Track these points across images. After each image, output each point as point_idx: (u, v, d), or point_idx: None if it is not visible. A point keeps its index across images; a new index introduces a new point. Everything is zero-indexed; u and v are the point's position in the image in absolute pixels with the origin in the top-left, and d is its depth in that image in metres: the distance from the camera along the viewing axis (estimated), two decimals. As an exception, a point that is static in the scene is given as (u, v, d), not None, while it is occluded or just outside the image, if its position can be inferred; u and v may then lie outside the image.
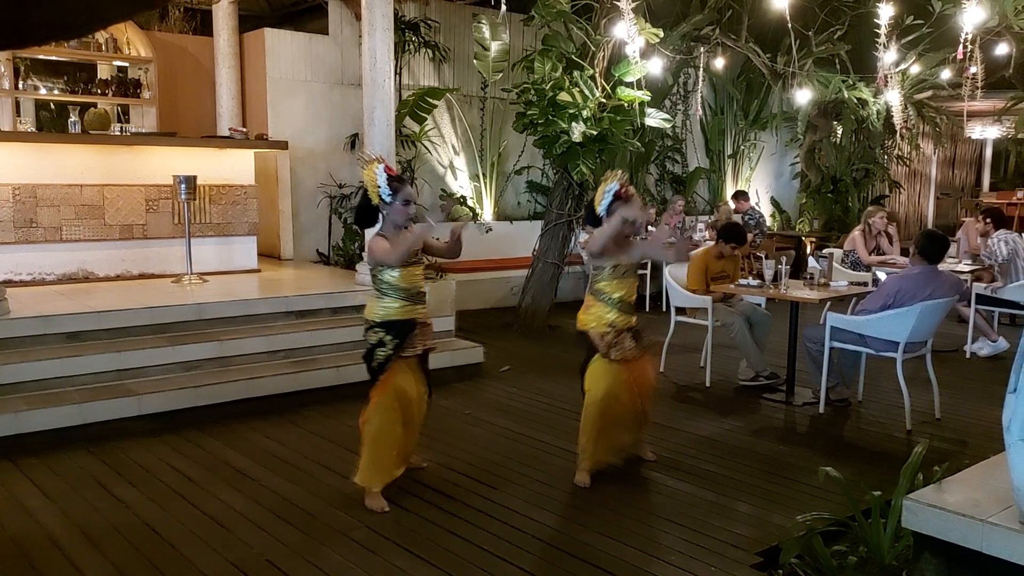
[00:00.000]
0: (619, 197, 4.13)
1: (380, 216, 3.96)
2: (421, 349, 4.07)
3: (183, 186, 6.75)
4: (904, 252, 8.03)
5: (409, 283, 3.95)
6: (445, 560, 3.38)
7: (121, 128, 8.09)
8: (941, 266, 5.70)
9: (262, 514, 3.82)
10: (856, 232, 8.42)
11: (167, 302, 5.93)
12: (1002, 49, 9.42)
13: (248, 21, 9.42)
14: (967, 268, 7.80)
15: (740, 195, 10.67)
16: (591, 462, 4.25)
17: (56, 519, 3.76)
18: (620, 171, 4.25)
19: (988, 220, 7.78)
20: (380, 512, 3.84)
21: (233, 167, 7.56)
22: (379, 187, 3.85)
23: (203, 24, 9.38)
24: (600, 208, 4.18)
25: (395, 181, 3.88)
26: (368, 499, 3.90)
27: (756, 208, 10.85)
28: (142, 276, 7.08)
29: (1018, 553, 2.51)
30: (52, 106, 9.06)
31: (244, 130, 7.98)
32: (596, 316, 4.22)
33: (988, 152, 15.46)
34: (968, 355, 7.44)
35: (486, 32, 9.24)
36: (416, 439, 4.28)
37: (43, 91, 8.46)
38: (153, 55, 8.61)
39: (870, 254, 8.22)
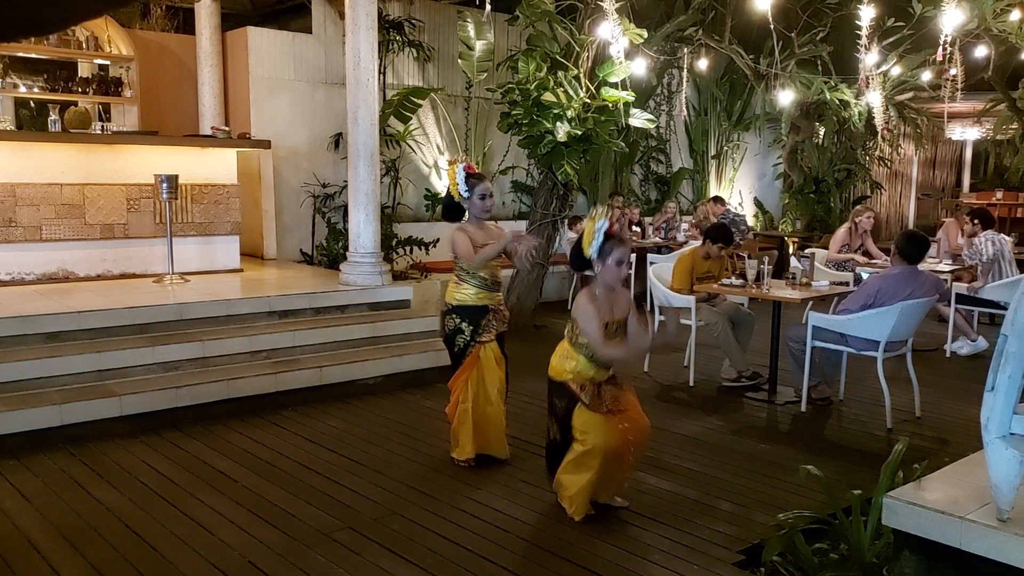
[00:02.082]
0: (611, 236, 3.61)
1: (465, 210, 4.34)
2: (495, 333, 4.36)
3: (165, 185, 6.70)
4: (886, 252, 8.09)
5: (488, 272, 4.31)
6: (429, 560, 3.38)
7: (102, 127, 7.99)
8: (922, 266, 5.75)
9: (243, 515, 3.80)
10: (841, 229, 8.50)
11: (148, 302, 5.88)
12: (981, 51, 9.52)
13: (231, 19, 9.36)
14: (947, 268, 7.87)
15: (716, 200, 10.74)
16: (585, 507, 3.80)
17: (35, 521, 3.72)
18: (604, 208, 3.71)
19: (976, 221, 7.86)
20: (466, 464, 4.39)
21: (215, 166, 7.51)
22: (457, 184, 4.21)
23: (185, 22, 9.31)
24: (591, 250, 3.60)
25: (472, 178, 4.24)
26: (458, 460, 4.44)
27: (731, 210, 10.90)
28: (123, 276, 7.02)
29: (996, 550, 2.53)
30: (32, 104, 8.97)
31: (227, 129, 7.92)
32: (575, 371, 3.71)
33: (968, 153, 15.62)
34: (948, 354, 7.51)
35: (471, 31, 9.22)
36: (502, 422, 4.47)
37: (23, 89, 8.37)
38: (135, 53, 8.54)
39: (855, 252, 8.29)
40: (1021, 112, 11.59)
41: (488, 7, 6.97)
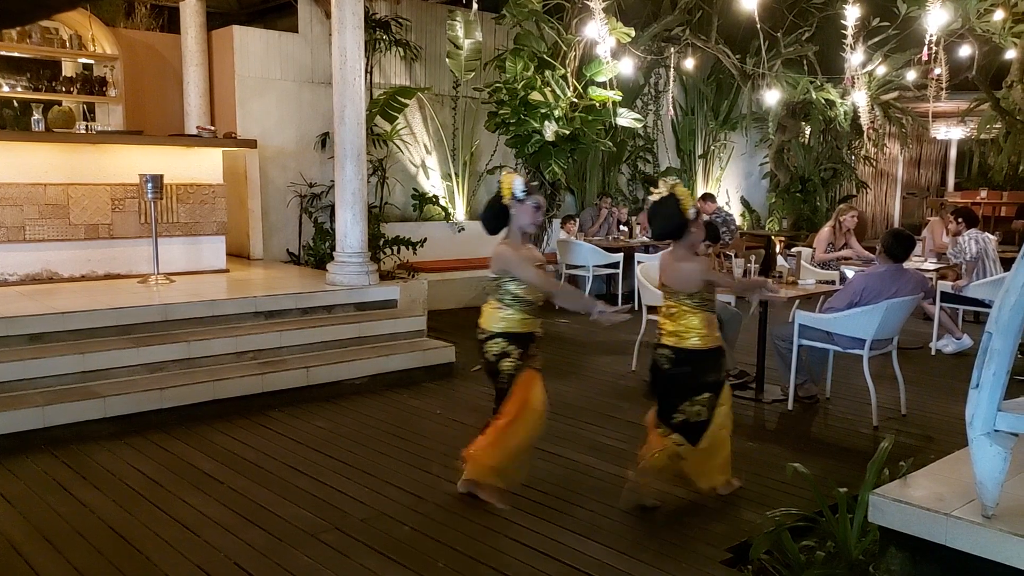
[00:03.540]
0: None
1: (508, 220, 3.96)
2: (539, 362, 4.02)
3: (150, 185, 6.65)
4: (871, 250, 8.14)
5: (532, 295, 3.96)
6: (416, 561, 3.36)
7: (86, 126, 7.95)
8: (907, 264, 5.78)
9: (229, 516, 3.78)
10: (825, 228, 8.54)
11: (133, 303, 5.84)
12: (965, 51, 9.59)
13: (216, 18, 9.31)
14: (932, 266, 7.92)
15: (707, 197, 10.76)
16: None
17: (17, 524, 3.68)
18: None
19: (960, 220, 7.91)
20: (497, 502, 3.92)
21: (201, 166, 7.46)
22: (513, 187, 3.92)
23: (170, 21, 9.26)
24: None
25: (529, 187, 4.01)
26: (485, 492, 3.96)
27: (722, 209, 10.93)
28: (108, 276, 6.97)
29: (980, 546, 2.54)
30: (15, 103, 8.87)
31: (212, 128, 7.88)
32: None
33: (952, 152, 15.73)
34: (933, 352, 7.55)
35: (460, 30, 9.21)
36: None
37: (5, 88, 8.29)
38: (119, 52, 8.48)
39: (838, 250, 8.33)
40: (1004, 111, 11.67)
41: (475, 5, 6.96)
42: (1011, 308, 2.53)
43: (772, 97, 10.73)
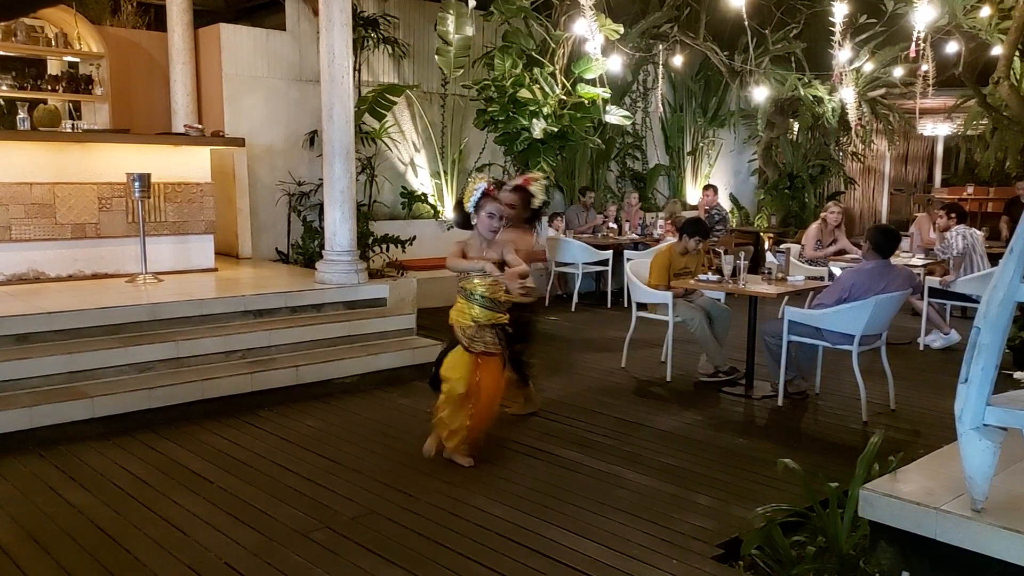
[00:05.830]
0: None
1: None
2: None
3: (137, 184, 6.61)
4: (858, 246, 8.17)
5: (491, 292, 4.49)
6: (408, 559, 3.36)
7: (72, 125, 7.89)
8: (895, 260, 5.81)
9: (219, 516, 3.76)
10: (812, 226, 8.57)
11: (121, 302, 5.80)
12: (952, 48, 9.64)
13: (203, 16, 9.25)
14: (920, 262, 7.96)
15: (708, 188, 10.70)
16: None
17: (5, 525, 3.65)
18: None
19: (951, 215, 7.94)
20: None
21: (188, 165, 7.42)
22: (471, 197, 4.39)
23: (157, 19, 9.19)
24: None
25: (483, 197, 4.39)
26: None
27: (722, 207, 10.94)
28: (95, 276, 6.92)
29: (970, 540, 2.56)
30: (0, 102, 8.82)
31: (200, 127, 7.83)
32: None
33: (939, 149, 15.80)
34: (922, 347, 7.59)
35: (450, 24, 9.18)
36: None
37: (-10, 87, 8.22)
38: (105, 51, 8.41)
39: (827, 247, 8.37)
40: (991, 108, 11.74)
41: (472, 1, 6.93)
42: (999, 303, 2.55)
43: (760, 94, 10.76)
